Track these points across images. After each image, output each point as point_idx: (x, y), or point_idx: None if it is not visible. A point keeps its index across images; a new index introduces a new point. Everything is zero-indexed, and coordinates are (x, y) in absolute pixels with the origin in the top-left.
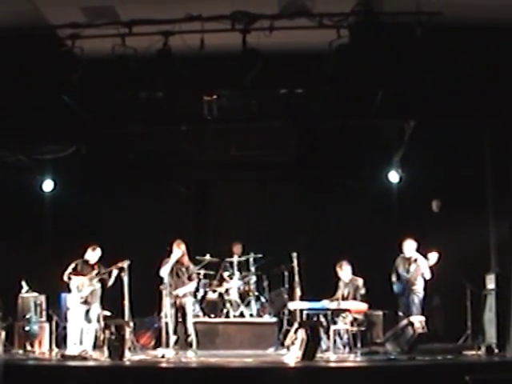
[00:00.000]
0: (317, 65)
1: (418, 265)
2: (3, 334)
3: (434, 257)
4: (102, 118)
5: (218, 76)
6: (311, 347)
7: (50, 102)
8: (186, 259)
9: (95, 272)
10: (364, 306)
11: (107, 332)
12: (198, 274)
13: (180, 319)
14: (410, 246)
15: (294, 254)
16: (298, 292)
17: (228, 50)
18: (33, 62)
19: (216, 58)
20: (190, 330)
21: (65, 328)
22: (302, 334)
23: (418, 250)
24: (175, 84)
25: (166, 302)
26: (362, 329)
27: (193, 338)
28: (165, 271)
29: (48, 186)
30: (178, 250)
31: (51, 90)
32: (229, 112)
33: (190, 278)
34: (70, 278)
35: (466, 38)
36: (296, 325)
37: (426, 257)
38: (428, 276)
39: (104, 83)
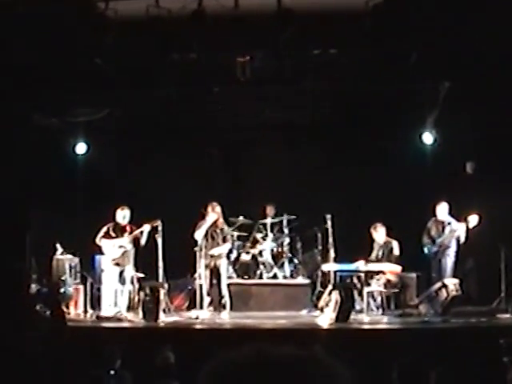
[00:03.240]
0: (352, 25)
1: (451, 228)
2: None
3: (474, 219)
4: (135, 80)
5: (251, 37)
6: (345, 309)
7: (84, 64)
8: (220, 221)
9: (127, 233)
10: (398, 268)
11: (142, 294)
12: (232, 235)
13: (214, 281)
14: (443, 209)
15: (328, 216)
16: (331, 254)
17: (262, 10)
18: (66, 25)
19: (250, 19)
20: (224, 291)
21: (99, 290)
22: (335, 295)
23: (451, 213)
24: (209, 45)
25: (201, 264)
26: (396, 291)
27: (226, 299)
28: (199, 234)
29: (81, 148)
30: (214, 213)
31: (84, 53)
32: (262, 73)
33: (224, 240)
34: (101, 241)
35: None
36: (330, 287)
37: (465, 219)
38: (463, 239)
39: (137, 45)
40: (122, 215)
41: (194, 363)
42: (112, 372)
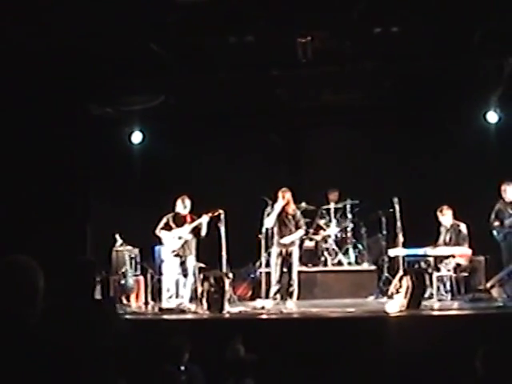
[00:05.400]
0: (413, 2)
1: None
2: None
3: None
4: (191, 66)
5: (312, 17)
6: (417, 295)
7: (138, 51)
8: (291, 207)
9: (187, 224)
10: (468, 251)
11: (206, 284)
12: (307, 222)
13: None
14: (510, 191)
15: (396, 199)
16: (400, 238)
17: None
18: (121, 11)
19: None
20: (294, 279)
21: (159, 281)
22: (407, 281)
23: None
24: (269, 26)
25: (272, 251)
26: (466, 275)
27: (295, 287)
28: (270, 220)
29: (137, 137)
30: (282, 200)
31: (139, 38)
32: (322, 54)
33: (297, 226)
34: (161, 233)
35: None
36: (400, 272)
37: None
38: None
39: (193, 29)
40: (183, 205)
41: (264, 356)
42: (182, 368)
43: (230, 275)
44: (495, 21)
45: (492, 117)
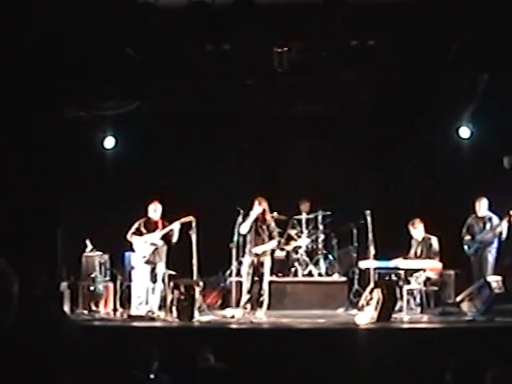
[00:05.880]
0: (390, 16)
1: (492, 224)
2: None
3: None
4: (167, 72)
5: (290, 28)
6: (387, 308)
7: (113, 55)
8: (267, 217)
9: (158, 230)
10: (439, 265)
11: (176, 292)
12: (280, 232)
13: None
14: (483, 205)
15: (368, 212)
16: (371, 250)
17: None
18: (97, 13)
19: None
20: (265, 289)
21: (128, 287)
22: (377, 293)
23: (492, 209)
24: (246, 35)
25: (244, 260)
26: (436, 289)
27: (265, 297)
28: (245, 227)
29: (110, 142)
30: (259, 207)
31: (115, 43)
32: (298, 65)
33: (270, 236)
34: (132, 238)
35: None
36: (371, 284)
37: (507, 215)
38: (505, 235)
39: (170, 35)
40: (154, 210)
41: (234, 365)
42: (152, 376)
43: (201, 283)
44: (470, 36)
45: (464, 132)
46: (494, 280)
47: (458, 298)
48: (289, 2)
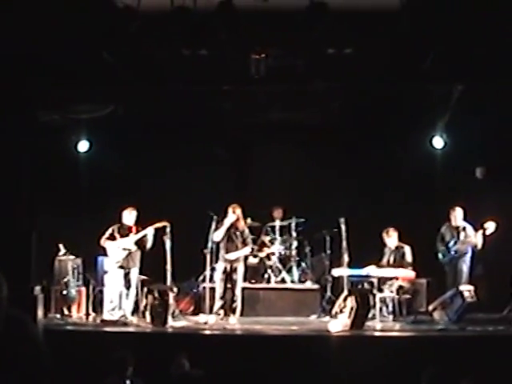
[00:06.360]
0: (367, 26)
1: (466, 234)
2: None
3: (491, 226)
4: (142, 76)
5: (269, 34)
6: (361, 315)
7: (89, 58)
8: (241, 224)
9: (132, 234)
10: (412, 274)
11: (150, 297)
12: (253, 239)
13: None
14: (457, 215)
15: (342, 219)
16: (345, 258)
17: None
18: (72, 14)
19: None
20: (238, 295)
21: (101, 292)
22: (351, 301)
23: (467, 218)
24: (224, 40)
25: (218, 266)
26: (408, 297)
27: (238, 304)
28: (219, 234)
29: (83, 146)
30: (233, 215)
31: (91, 46)
32: (273, 72)
33: (244, 243)
34: (106, 243)
35: None
36: (345, 292)
37: (481, 226)
38: (480, 246)
39: (147, 39)
40: (129, 216)
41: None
42: (128, 382)
43: (175, 289)
44: (445, 47)
45: (438, 142)
46: (467, 289)
47: (431, 307)
48: (268, 9)
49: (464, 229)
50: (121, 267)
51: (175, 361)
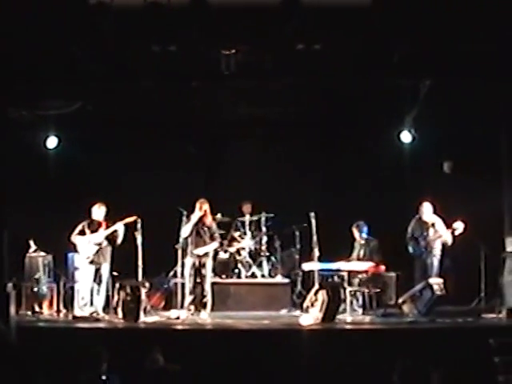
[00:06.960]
0: (335, 22)
1: (436, 229)
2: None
3: (459, 227)
4: (111, 72)
5: (239, 30)
6: (332, 309)
7: (57, 54)
8: (208, 219)
9: (102, 229)
10: (381, 267)
11: (122, 293)
12: (221, 234)
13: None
14: (426, 209)
15: (312, 214)
16: (316, 253)
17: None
18: (41, 9)
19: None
20: (208, 290)
21: (72, 288)
22: (322, 295)
23: (436, 212)
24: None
25: (186, 262)
26: (378, 290)
27: (208, 298)
28: (186, 230)
29: (52, 142)
30: (199, 212)
31: (59, 42)
32: (242, 68)
33: (211, 238)
34: (76, 239)
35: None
36: (316, 286)
37: (451, 227)
38: (450, 242)
39: (117, 35)
40: (98, 211)
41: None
42: (104, 377)
43: (147, 284)
44: (413, 42)
45: (406, 136)
46: (436, 282)
47: (400, 300)
48: (239, 4)
49: (433, 224)
50: (91, 263)
51: (149, 356)
